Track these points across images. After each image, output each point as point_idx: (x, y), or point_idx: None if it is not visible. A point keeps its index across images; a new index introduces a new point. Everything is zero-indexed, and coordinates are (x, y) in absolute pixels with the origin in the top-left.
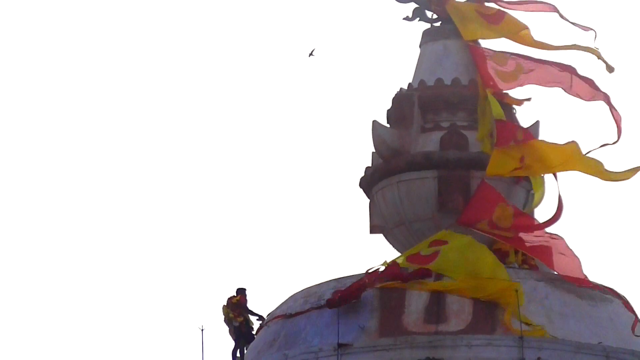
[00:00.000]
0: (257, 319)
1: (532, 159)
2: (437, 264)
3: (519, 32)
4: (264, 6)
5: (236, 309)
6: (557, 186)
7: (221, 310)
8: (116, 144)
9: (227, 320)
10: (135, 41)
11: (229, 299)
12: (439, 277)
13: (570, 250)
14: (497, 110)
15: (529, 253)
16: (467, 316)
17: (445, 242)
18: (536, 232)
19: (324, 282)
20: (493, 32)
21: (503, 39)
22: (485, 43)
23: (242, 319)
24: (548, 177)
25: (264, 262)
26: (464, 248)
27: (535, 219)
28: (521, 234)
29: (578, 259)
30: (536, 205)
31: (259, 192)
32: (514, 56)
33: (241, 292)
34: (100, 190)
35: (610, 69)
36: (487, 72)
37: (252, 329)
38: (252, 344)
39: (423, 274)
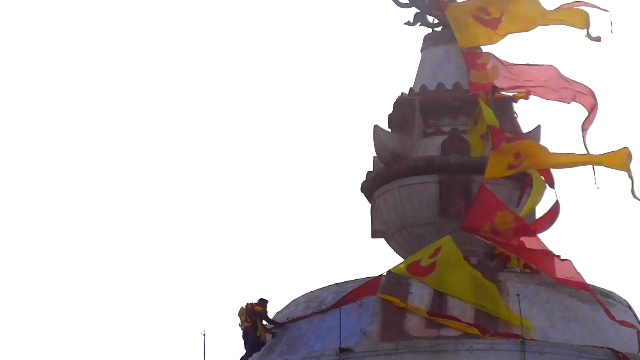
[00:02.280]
0: (271, 328)
1: (528, 153)
2: (434, 278)
3: (519, 23)
4: (267, 11)
5: (252, 315)
6: (554, 191)
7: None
8: (117, 146)
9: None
10: (135, 41)
11: (251, 304)
12: (438, 294)
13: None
14: (489, 116)
15: (531, 262)
16: (469, 321)
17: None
18: (536, 240)
19: (326, 286)
20: (492, 37)
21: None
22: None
23: (249, 324)
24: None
25: (265, 267)
26: (458, 269)
27: (533, 230)
28: (523, 239)
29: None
30: (531, 207)
31: (261, 197)
32: (495, 60)
33: (262, 302)
34: (101, 193)
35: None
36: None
37: (261, 337)
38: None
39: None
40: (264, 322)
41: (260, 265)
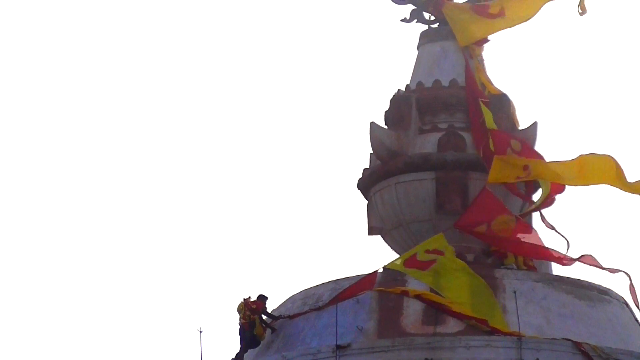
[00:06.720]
0: (270, 322)
1: (537, 168)
2: (432, 278)
3: (526, 9)
4: (264, 7)
5: (250, 312)
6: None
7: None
8: (115, 144)
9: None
10: (136, 41)
11: (249, 300)
12: (435, 290)
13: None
14: (489, 120)
15: (527, 255)
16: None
17: (441, 253)
18: (535, 236)
19: (322, 283)
20: (496, 26)
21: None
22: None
23: (246, 321)
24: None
25: (262, 264)
26: (458, 275)
27: (534, 229)
28: (519, 234)
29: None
30: (538, 206)
31: (258, 194)
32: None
33: (262, 299)
34: (99, 191)
35: None
36: (473, 79)
37: (257, 334)
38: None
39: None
40: (264, 317)
41: (257, 262)
